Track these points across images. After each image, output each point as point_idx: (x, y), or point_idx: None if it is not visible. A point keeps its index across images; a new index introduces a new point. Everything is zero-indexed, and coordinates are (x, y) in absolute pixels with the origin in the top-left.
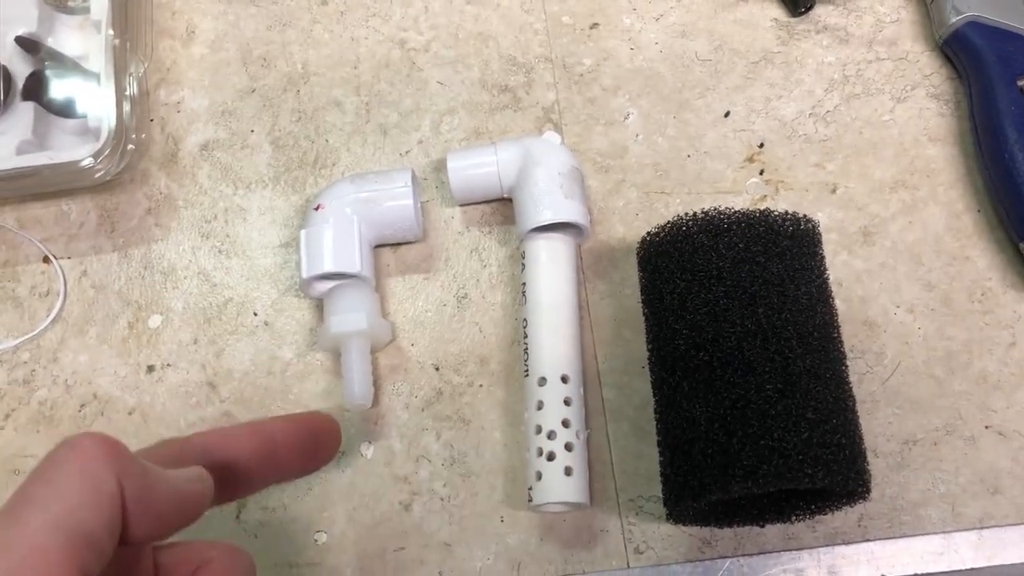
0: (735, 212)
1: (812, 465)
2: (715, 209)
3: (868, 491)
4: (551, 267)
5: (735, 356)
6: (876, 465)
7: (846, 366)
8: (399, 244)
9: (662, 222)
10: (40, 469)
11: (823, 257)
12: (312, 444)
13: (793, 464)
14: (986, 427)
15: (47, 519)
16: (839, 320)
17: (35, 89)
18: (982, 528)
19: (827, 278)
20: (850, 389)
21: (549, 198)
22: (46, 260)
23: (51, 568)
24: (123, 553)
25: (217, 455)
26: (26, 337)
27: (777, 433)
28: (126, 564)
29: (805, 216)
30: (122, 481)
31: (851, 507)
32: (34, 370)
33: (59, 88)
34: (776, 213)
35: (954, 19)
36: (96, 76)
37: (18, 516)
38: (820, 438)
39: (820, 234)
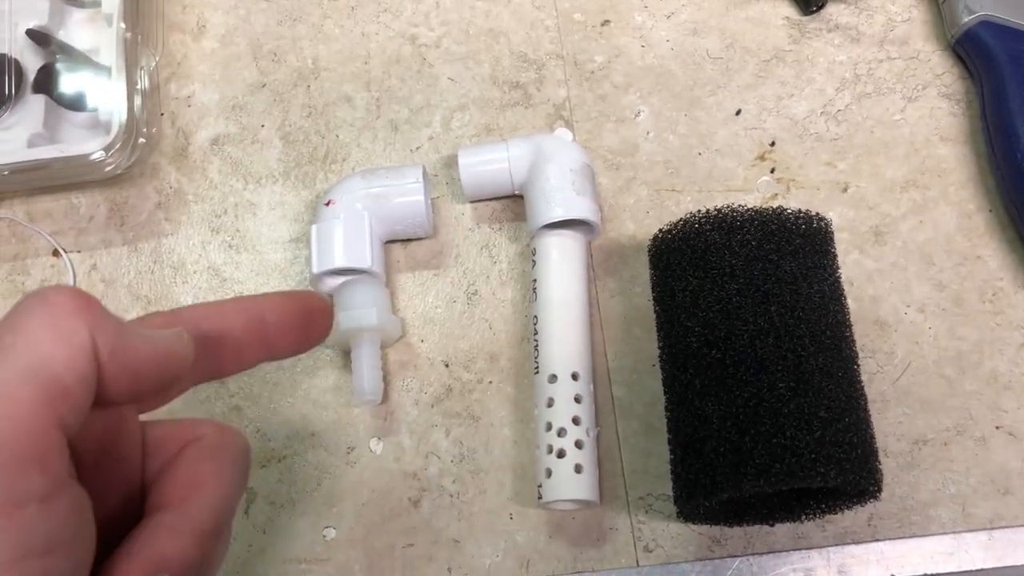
0: (748, 210)
1: (825, 464)
2: (727, 207)
3: (880, 490)
4: (562, 264)
5: (748, 354)
6: (886, 465)
7: (858, 365)
8: (409, 240)
9: (673, 220)
10: (7, 320)
11: (835, 255)
12: (303, 322)
13: (806, 463)
14: (997, 427)
15: (17, 367)
16: (851, 319)
17: (46, 82)
18: (992, 529)
19: (839, 277)
20: (862, 388)
21: (560, 195)
22: (56, 254)
23: (26, 420)
24: (105, 420)
25: (205, 328)
26: None
27: (790, 432)
28: (110, 433)
29: (818, 214)
30: (95, 335)
31: (861, 506)
32: None
33: (70, 81)
34: (789, 211)
35: (966, 18)
36: (107, 70)
37: None
38: (833, 437)
39: (833, 232)
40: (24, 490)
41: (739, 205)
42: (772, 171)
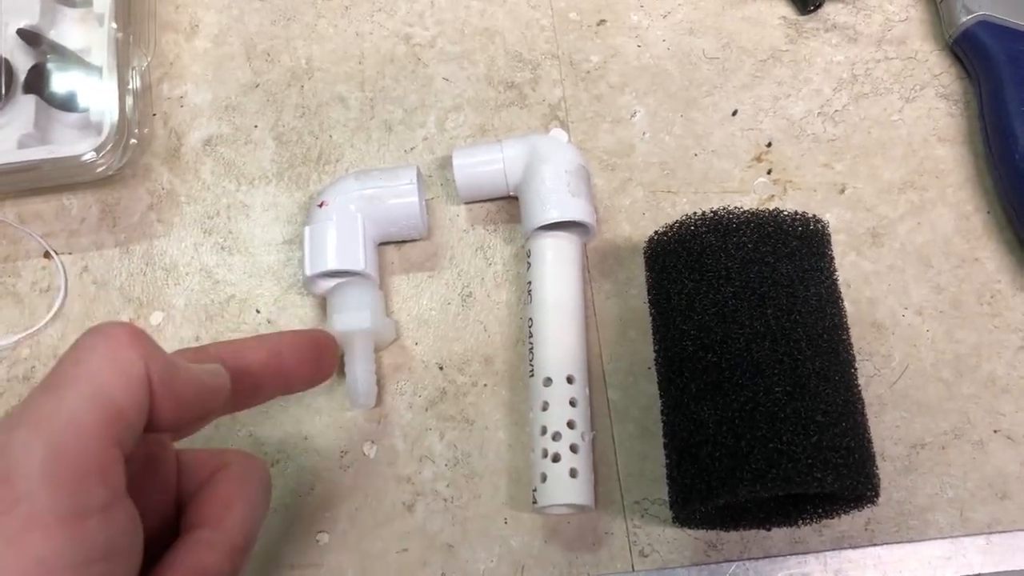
0: (744, 212)
1: (822, 469)
2: (724, 209)
3: (877, 495)
4: (557, 266)
5: (744, 358)
6: (884, 469)
7: (855, 368)
8: (403, 242)
9: (668, 221)
10: (71, 352)
11: (832, 258)
12: (315, 357)
13: (802, 468)
14: (995, 431)
15: (81, 394)
16: (848, 322)
17: (37, 82)
18: (990, 533)
19: (836, 279)
20: (859, 392)
21: (555, 196)
22: (47, 255)
23: (89, 438)
24: (148, 445)
25: (230, 363)
26: (26, 333)
27: (786, 436)
28: (152, 457)
29: (815, 216)
30: (148, 366)
31: (859, 511)
32: (34, 366)
33: (61, 81)
34: (786, 213)
35: (964, 18)
36: (98, 70)
37: (54, 391)
38: (830, 441)
39: (830, 235)
40: (88, 501)
41: (735, 207)
42: (769, 172)
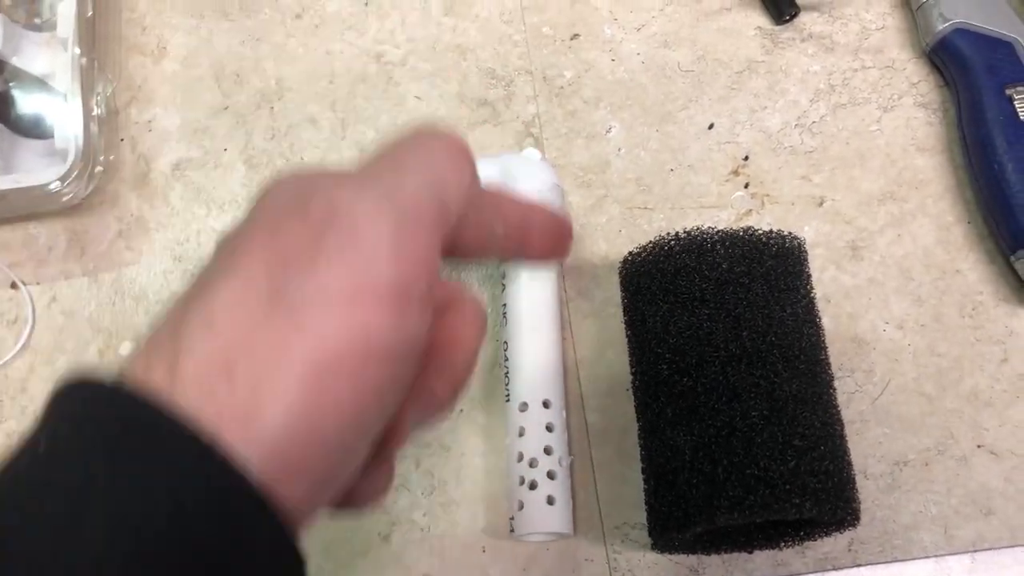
0: (718, 231)
1: (799, 495)
2: (697, 228)
3: (857, 519)
4: (532, 287)
5: (719, 382)
6: (866, 487)
7: (834, 389)
8: None
9: (645, 238)
10: (408, 140)
11: (809, 276)
12: (558, 232)
13: (780, 494)
14: (978, 446)
15: (423, 178)
16: (827, 339)
17: (0, 109)
18: (975, 551)
19: (813, 298)
20: (838, 413)
21: None
22: (14, 286)
23: (425, 218)
24: None
25: (489, 211)
26: None
27: (763, 462)
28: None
29: (791, 234)
30: (474, 178)
31: (840, 534)
32: (1, 401)
33: (25, 108)
34: (760, 231)
35: (941, 26)
36: (63, 96)
37: (400, 169)
38: (807, 466)
39: (806, 252)
40: (414, 285)
41: (709, 227)
42: (746, 186)
